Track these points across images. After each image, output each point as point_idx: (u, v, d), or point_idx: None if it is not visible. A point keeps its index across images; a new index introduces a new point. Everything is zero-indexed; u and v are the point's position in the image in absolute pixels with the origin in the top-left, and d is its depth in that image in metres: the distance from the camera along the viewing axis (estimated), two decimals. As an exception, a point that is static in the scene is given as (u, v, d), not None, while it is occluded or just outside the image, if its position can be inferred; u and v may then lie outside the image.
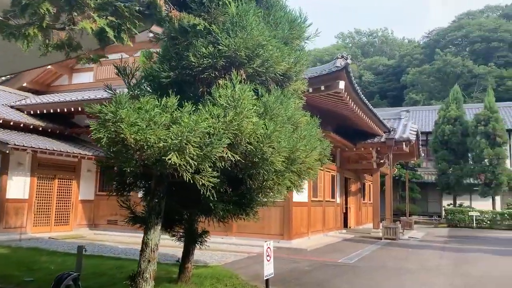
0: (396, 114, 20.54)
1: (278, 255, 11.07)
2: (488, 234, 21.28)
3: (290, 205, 13.43)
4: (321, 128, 15.39)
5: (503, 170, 26.29)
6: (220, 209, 5.26)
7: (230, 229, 14.07)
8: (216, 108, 4.29)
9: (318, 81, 11.61)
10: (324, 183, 17.12)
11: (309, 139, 5.13)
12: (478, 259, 11.45)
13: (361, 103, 13.25)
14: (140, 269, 5.19)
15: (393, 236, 16.33)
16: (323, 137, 12.15)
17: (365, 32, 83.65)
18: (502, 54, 53.68)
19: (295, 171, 4.99)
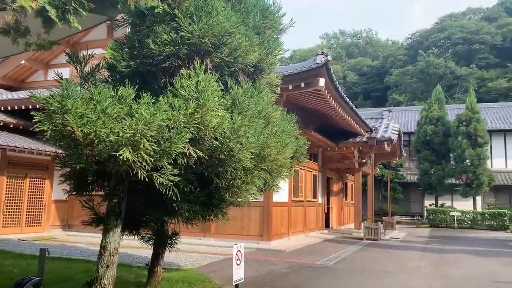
0: (378, 114, 20.40)
1: (256, 257, 10.76)
2: (469, 234, 21.32)
3: (270, 205, 13.11)
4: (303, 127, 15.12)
5: (484, 170, 26.46)
6: (185, 210, 4.89)
7: (208, 230, 13.70)
8: (177, 100, 3.92)
9: (298, 78, 11.32)
10: (305, 183, 16.86)
11: (281, 136, 4.80)
12: (458, 260, 11.30)
13: (342, 102, 13.00)
14: (97, 274, 4.79)
15: (375, 237, 16.15)
16: (301, 134, 11.86)
17: (350, 33, 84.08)
18: (483, 56, 54.37)
19: (265, 169, 4.66)
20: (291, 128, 6.59)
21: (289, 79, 11.35)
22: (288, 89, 11.56)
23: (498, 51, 54.75)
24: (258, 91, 5.01)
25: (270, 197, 13.13)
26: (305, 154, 7.30)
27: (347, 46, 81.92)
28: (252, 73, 5.13)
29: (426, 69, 53.06)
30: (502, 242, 16.91)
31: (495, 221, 24.93)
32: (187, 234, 13.99)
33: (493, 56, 54.44)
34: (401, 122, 36.95)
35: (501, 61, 53.93)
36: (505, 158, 32.66)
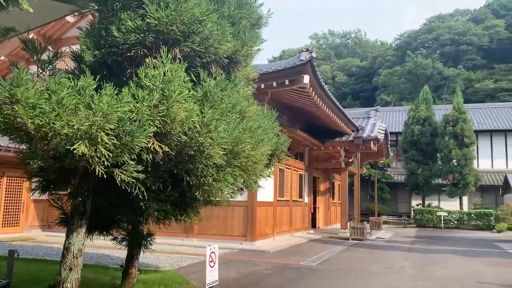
0: (365, 113, 20.29)
1: (238, 257, 10.50)
2: (455, 234, 21.31)
3: (254, 205, 12.87)
4: (288, 126, 14.90)
5: (470, 170, 26.54)
6: (154, 210, 4.61)
7: (190, 231, 13.42)
8: (140, 91, 3.65)
9: (283, 75, 11.10)
10: (291, 182, 16.65)
11: (256, 131, 4.54)
12: (444, 260, 11.17)
13: (327, 100, 12.81)
14: (60, 278, 4.49)
15: (360, 237, 16.00)
16: (284, 132, 11.60)
17: (339, 34, 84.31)
18: (470, 57, 54.80)
19: (239, 166, 4.40)
20: (269, 124, 6.35)
21: (273, 76, 11.12)
22: (272, 86, 11.34)
23: (485, 53, 55.24)
24: (233, 84, 4.76)
25: (254, 196, 12.89)
26: (286, 152, 7.07)
27: (336, 47, 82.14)
28: (226, 65, 4.87)
29: (414, 70, 53.33)
30: (488, 242, 16.89)
31: (481, 221, 25.01)
32: (168, 234, 13.72)
33: (480, 58, 54.90)
34: (389, 122, 37.01)
35: (488, 62, 54.43)
36: (491, 158, 32.86)
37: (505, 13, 59.78)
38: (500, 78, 49.60)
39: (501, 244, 16.09)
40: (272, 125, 6.77)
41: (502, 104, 37.68)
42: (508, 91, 46.58)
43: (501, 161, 32.55)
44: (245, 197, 12.91)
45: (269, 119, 6.67)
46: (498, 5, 61.89)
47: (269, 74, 11.08)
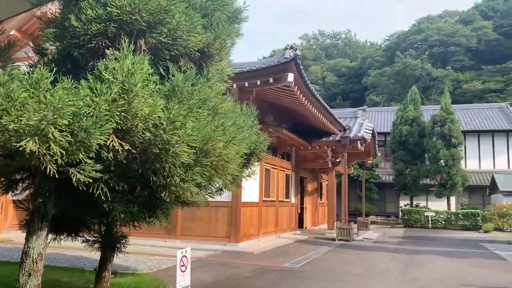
0: (352, 113, 20.17)
1: (220, 259, 10.27)
2: (442, 234, 21.29)
3: (238, 206, 12.64)
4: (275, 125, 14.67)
5: (458, 170, 26.59)
6: (119, 211, 4.35)
7: (174, 232, 13.16)
8: (99, 84, 3.40)
9: (267, 73, 10.88)
10: (278, 182, 16.45)
11: (229, 128, 4.31)
12: (429, 262, 11.04)
13: (313, 99, 12.62)
14: (18, 284, 4.21)
15: (347, 237, 15.85)
16: (267, 131, 11.37)
17: (329, 34, 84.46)
18: (459, 58, 55.17)
19: (209, 165, 4.16)
20: (247, 121, 6.13)
21: (257, 74, 10.91)
22: (256, 84, 11.12)
23: (473, 54, 55.64)
24: (205, 79, 4.52)
25: (239, 197, 12.66)
26: (266, 151, 6.84)
27: (326, 47, 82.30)
28: (198, 59, 4.64)
29: (403, 70, 53.52)
30: (474, 243, 16.85)
31: (468, 221, 25.06)
32: (151, 235, 13.44)
33: (468, 59, 55.29)
34: (377, 123, 37.03)
35: (476, 64, 54.82)
36: (479, 159, 33.01)
37: (493, 14, 60.31)
38: (487, 79, 49.97)
39: (487, 244, 16.05)
40: (251, 123, 6.56)
41: (489, 105, 37.92)
42: (495, 92, 46.94)
43: (489, 161, 32.72)
44: (229, 198, 12.68)
45: (248, 117, 6.45)
46: (486, 7, 62.42)
47: (253, 72, 10.86)
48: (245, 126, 5.32)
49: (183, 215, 13.12)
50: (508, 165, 32.30)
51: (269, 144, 15.45)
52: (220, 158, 4.23)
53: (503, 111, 35.14)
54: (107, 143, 3.44)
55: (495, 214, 24.36)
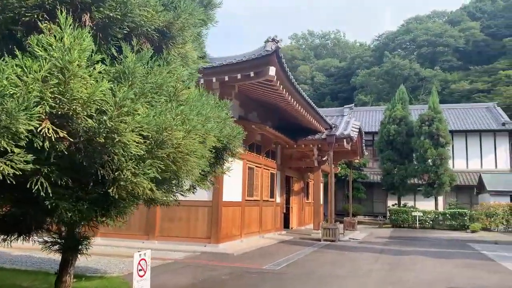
0: (339, 111, 19.83)
1: (198, 261, 9.80)
2: (430, 234, 21.04)
3: (219, 205, 12.18)
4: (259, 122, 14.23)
5: (446, 170, 26.41)
6: (66, 210, 3.87)
7: (152, 232, 12.66)
8: (30, 61, 2.93)
9: (247, 67, 10.44)
10: (262, 181, 16.03)
11: (189, 117, 3.86)
12: (414, 263, 10.69)
13: (296, 94, 12.20)
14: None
15: (333, 238, 15.47)
16: (247, 127, 10.89)
17: (318, 34, 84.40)
18: (447, 58, 55.33)
19: (165, 157, 3.70)
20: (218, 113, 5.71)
21: (238, 68, 10.46)
22: (237, 78, 10.67)
23: (461, 54, 55.86)
24: (165, 62, 4.07)
25: (220, 196, 12.21)
26: (240, 145, 6.41)
27: (316, 47, 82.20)
28: (158, 41, 4.18)
29: (392, 70, 53.51)
30: (461, 243, 16.59)
31: (456, 221, 24.88)
32: (128, 236, 12.90)
33: (456, 59, 55.50)
34: (366, 122, 36.83)
35: (463, 64, 55.05)
36: (466, 158, 32.94)
37: (480, 15, 60.65)
38: (475, 80, 50.15)
39: (474, 244, 15.80)
40: (225, 115, 6.14)
41: (477, 105, 37.93)
42: (483, 92, 47.06)
43: (476, 161, 32.67)
44: (209, 197, 12.24)
45: (220, 109, 6.03)
46: (474, 8, 62.76)
47: (233, 65, 10.42)
48: (213, 117, 4.89)
49: (162, 214, 12.64)
50: (495, 165, 32.28)
51: (253, 142, 15.05)
52: (179, 150, 3.78)
53: (490, 111, 35.14)
54: (39, 130, 2.97)
55: (482, 214, 24.21)
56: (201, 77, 10.73)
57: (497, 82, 46.71)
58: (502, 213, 23.87)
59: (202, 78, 10.65)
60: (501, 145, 32.58)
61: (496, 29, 56.80)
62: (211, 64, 10.69)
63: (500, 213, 23.86)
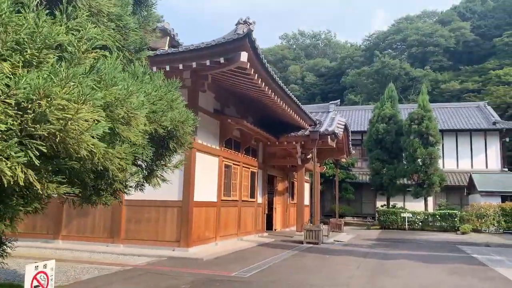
0: (324, 107, 18.92)
1: (161, 268, 8.80)
2: (419, 236, 20.20)
3: (190, 205, 11.17)
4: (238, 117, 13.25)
5: (435, 170, 25.63)
6: None
7: (117, 235, 11.63)
8: None
9: (217, 52, 9.47)
10: (241, 180, 15.06)
11: (85, 83, 2.87)
12: (400, 268, 9.78)
13: (273, 84, 11.25)
14: None
15: (316, 240, 14.55)
16: (222, 121, 9.84)
17: (309, 34, 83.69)
18: (437, 58, 54.84)
19: (45, 135, 2.72)
20: (163, 93, 4.76)
21: (207, 53, 9.49)
22: (206, 65, 9.69)
23: (451, 54, 55.41)
24: (63, 14, 3.09)
25: (191, 195, 11.22)
26: (192, 134, 5.44)
27: (306, 47, 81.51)
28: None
29: (382, 70, 52.85)
30: (451, 245, 15.75)
31: (446, 222, 24.09)
32: (91, 239, 11.83)
33: (447, 59, 55.02)
34: (355, 121, 36.05)
35: (454, 64, 54.61)
36: (457, 158, 32.27)
37: (470, 15, 60.29)
38: (465, 79, 49.70)
39: (465, 247, 14.95)
40: (171, 96, 5.19)
41: (467, 104, 37.34)
42: (473, 92, 46.57)
43: (466, 161, 32.01)
44: (179, 196, 11.25)
45: (166, 88, 5.09)
46: (464, 8, 62.40)
47: (201, 50, 9.45)
48: (156, 97, 3.93)
49: (128, 215, 11.62)
50: (486, 165, 31.64)
51: (230, 138, 13.98)
52: (69, 125, 2.78)
53: (481, 110, 34.54)
54: None
55: (473, 215, 23.45)
56: (166, 63, 9.77)
57: (488, 82, 46.26)
58: (493, 214, 23.13)
59: (168, 65, 9.69)
60: (492, 144, 31.95)
61: (486, 29, 56.46)
62: (176, 49, 9.72)
63: (491, 214, 23.12)
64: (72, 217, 12.13)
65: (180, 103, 5.21)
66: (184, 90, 11.53)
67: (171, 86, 5.18)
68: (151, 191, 11.48)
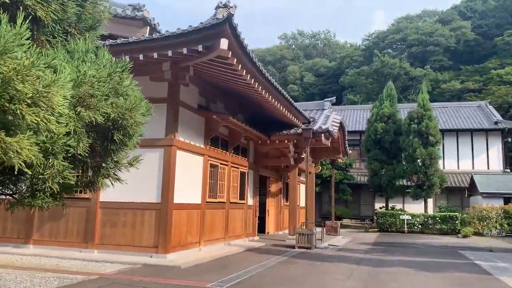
0: (319, 105, 18.06)
1: (130, 277, 7.92)
2: (418, 239, 19.32)
3: (169, 208, 10.30)
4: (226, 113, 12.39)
5: (436, 171, 24.77)
6: None
7: (91, 240, 10.75)
8: None
9: (194, 40, 8.61)
10: (230, 181, 14.19)
11: None
12: (395, 278, 8.91)
13: (258, 75, 10.37)
14: None
15: (308, 245, 13.68)
16: (207, 117, 9.11)
17: (308, 34, 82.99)
18: (437, 58, 54.04)
19: None
20: (104, 72, 3.94)
21: (183, 40, 8.62)
22: (182, 54, 8.83)
23: (451, 54, 54.60)
24: None
25: (170, 197, 10.34)
26: (142, 122, 4.55)
27: (305, 47, 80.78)
28: None
29: (381, 69, 52.01)
30: (453, 250, 14.86)
31: (447, 225, 23.20)
32: (64, 244, 10.87)
33: (447, 59, 54.22)
34: (353, 121, 35.23)
35: (454, 64, 53.80)
36: (457, 159, 31.42)
37: (471, 15, 59.48)
38: (466, 79, 48.89)
39: (467, 252, 14.06)
40: (118, 79, 4.36)
41: (468, 103, 36.51)
42: (474, 92, 45.72)
43: (468, 161, 31.14)
44: (157, 198, 10.38)
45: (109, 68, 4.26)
46: (465, 7, 61.60)
47: (176, 37, 8.58)
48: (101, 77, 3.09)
49: (103, 218, 10.75)
50: (487, 166, 30.77)
51: (217, 136, 13.04)
52: None
53: (482, 110, 33.69)
54: None
55: (474, 217, 22.56)
56: (139, 52, 8.92)
57: (489, 82, 45.42)
58: (495, 216, 22.26)
59: (141, 54, 8.83)
60: (494, 145, 31.09)
61: (487, 28, 55.65)
62: (149, 36, 8.86)
63: (493, 217, 22.25)
64: (44, 220, 11.26)
65: (128, 87, 4.35)
66: (163, 83, 10.71)
67: (118, 66, 4.32)
68: (128, 192, 10.66)
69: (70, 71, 3.84)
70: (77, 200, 10.94)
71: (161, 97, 10.71)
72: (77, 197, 10.92)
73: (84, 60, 4.19)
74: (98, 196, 10.82)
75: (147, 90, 10.79)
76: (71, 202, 11.02)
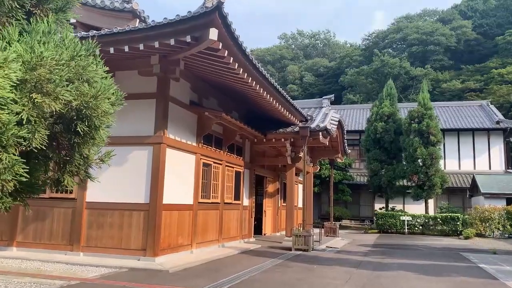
0: (317, 103, 17.57)
1: (112, 282, 7.42)
2: (419, 241, 18.83)
3: (158, 209, 9.80)
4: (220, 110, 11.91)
5: (437, 171, 24.29)
6: None
7: (76, 242, 10.25)
8: None
9: (182, 30, 8.11)
10: (224, 181, 13.71)
11: None
12: (395, 283, 8.41)
13: (251, 68, 9.86)
14: None
15: (305, 247, 13.19)
16: (199, 114, 8.61)
17: (308, 34, 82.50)
18: (438, 57, 53.54)
19: None
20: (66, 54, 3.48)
21: (170, 31, 8.13)
22: (170, 45, 8.34)
23: (452, 53, 54.13)
24: None
25: (159, 198, 9.85)
26: (112, 112, 4.05)
27: (305, 47, 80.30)
28: None
29: (381, 69, 51.48)
30: (455, 252, 14.36)
31: (448, 226, 22.70)
32: (49, 246, 10.31)
33: (447, 58, 53.73)
34: (353, 120, 34.75)
35: (455, 63, 53.34)
36: (459, 159, 30.92)
37: (472, 14, 59.03)
38: (467, 79, 48.42)
39: (469, 255, 13.55)
40: (84, 63, 3.89)
41: (470, 103, 36.03)
42: (475, 91, 45.25)
43: (469, 161, 30.64)
44: (146, 199, 9.89)
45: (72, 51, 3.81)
46: (465, 7, 61.15)
47: (163, 27, 8.09)
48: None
49: (89, 219, 10.26)
50: (489, 166, 30.27)
51: (211, 134, 12.47)
52: None
53: (484, 109, 33.20)
54: None
55: (476, 219, 22.04)
56: (125, 43, 8.44)
57: (490, 81, 44.96)
58: (497, 217, 21.75)
59: (126, 45, 8.35)
60: (495, 144, 30.59)
61: (488, 27, 55.20)
62: (135, 27, 8.38)
63: (495, 218, 21.73)
64: (28, 221, 10.76)
65: (95, 72, 3.87)
66: (153, 78, 10.23)
67: (82, 49, 3.83)
68: (116, 192, 10.17)
69: (22, 52, 3.38)
70: (62, 200, 10.48)
71: (150, 92, 10.26)
72: (62, 197, 10.48)
73: (44, 42, 3.70)
74: (84, 196, 10.34)
75: (135, 85, 10.43)
76: (56, 203, 10.59)
